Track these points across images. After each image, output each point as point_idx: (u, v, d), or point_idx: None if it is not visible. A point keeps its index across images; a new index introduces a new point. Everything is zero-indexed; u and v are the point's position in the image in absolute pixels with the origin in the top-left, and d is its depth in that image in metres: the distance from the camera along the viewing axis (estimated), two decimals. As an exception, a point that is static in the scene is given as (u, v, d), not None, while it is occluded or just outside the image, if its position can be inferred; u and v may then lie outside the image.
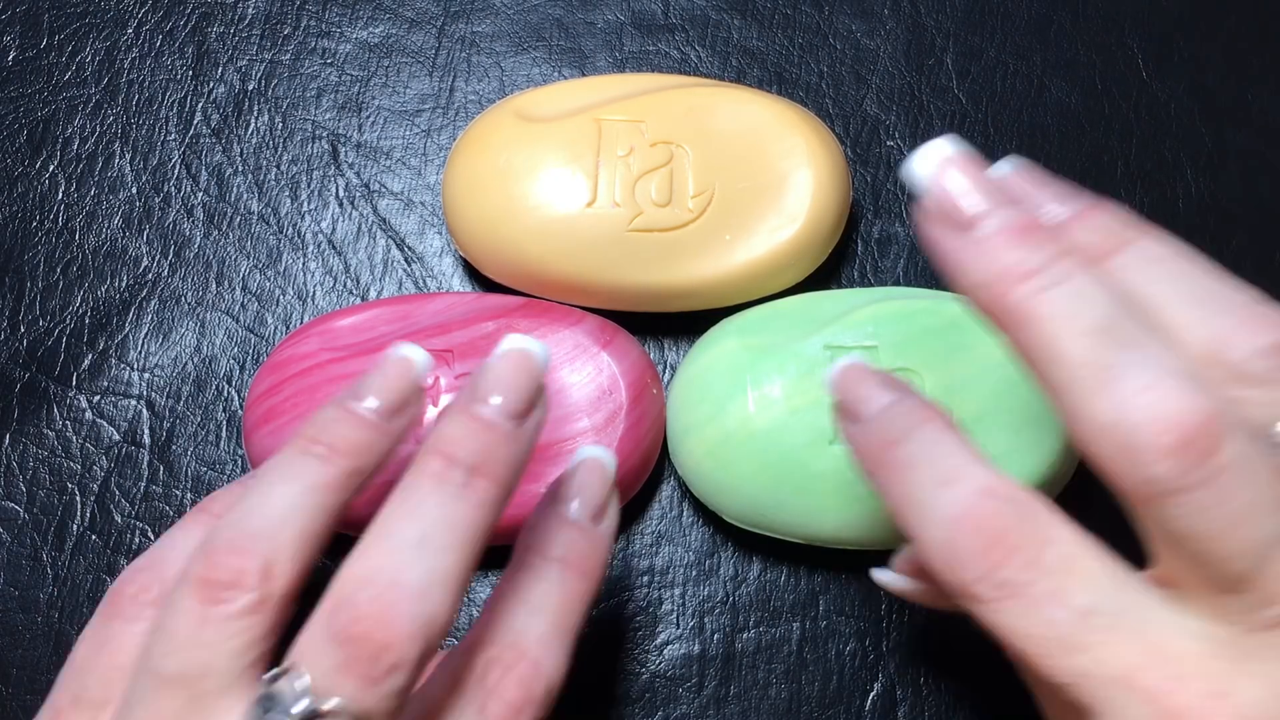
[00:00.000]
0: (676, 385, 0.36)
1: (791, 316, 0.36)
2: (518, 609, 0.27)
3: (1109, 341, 0.21)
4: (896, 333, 0.34)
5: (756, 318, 0.36)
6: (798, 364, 0.34)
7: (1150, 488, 0.21)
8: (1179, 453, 0.20)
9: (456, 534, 0.24)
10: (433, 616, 0.24)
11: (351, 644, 0.23)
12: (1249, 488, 0.21)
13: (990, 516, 0.22)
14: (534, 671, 0.26)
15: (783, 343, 0.35)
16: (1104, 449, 0.21)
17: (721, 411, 0.34)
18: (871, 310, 0.35)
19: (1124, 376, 0.21)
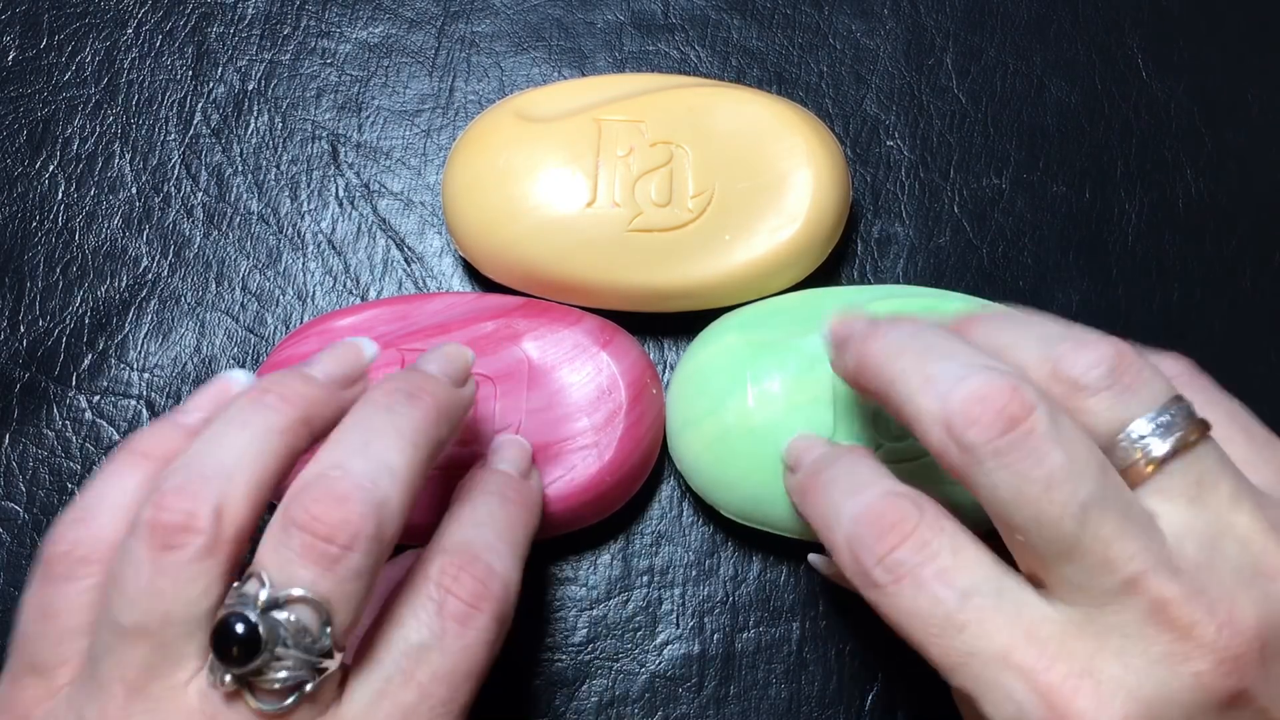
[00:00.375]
0: (676, 380, 0.36)
1: (792, 312, 0.36)
2: (464, 526, 0.28)
3: (930, 357, 0.25)
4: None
5: (757, 313, 0.36)
6: (798, 360, 0.34)
7: (970, 455, 0.24)
8: (986, 419, 0.24)
9: (402, 438, 0.26)
10: (383, 499, 0.25)
11: (305, 530, 0.24)
12: (1059, 451, 0.23)
13: (888, 510, 0.25)
14: (487, 570, 0.27)
15: (783, 338, 0.35)
16: (934, 436, 0.24)
17: (721, 406, 0.34)
18: (873, 308, 0.35)
19: (943, 377, 0.25)
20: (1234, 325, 0.40)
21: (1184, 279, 0.40)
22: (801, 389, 0.34)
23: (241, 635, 0.23)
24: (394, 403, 0.27)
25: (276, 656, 0.24)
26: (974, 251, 0.40)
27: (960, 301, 0.36)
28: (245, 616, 0.23)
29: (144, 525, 0.24)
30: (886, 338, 0.27)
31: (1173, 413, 0.24)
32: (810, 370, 0.34)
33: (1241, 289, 0.40)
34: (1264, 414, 0.39)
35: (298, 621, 0.24)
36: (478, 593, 0.26)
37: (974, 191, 0.41)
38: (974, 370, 0.24)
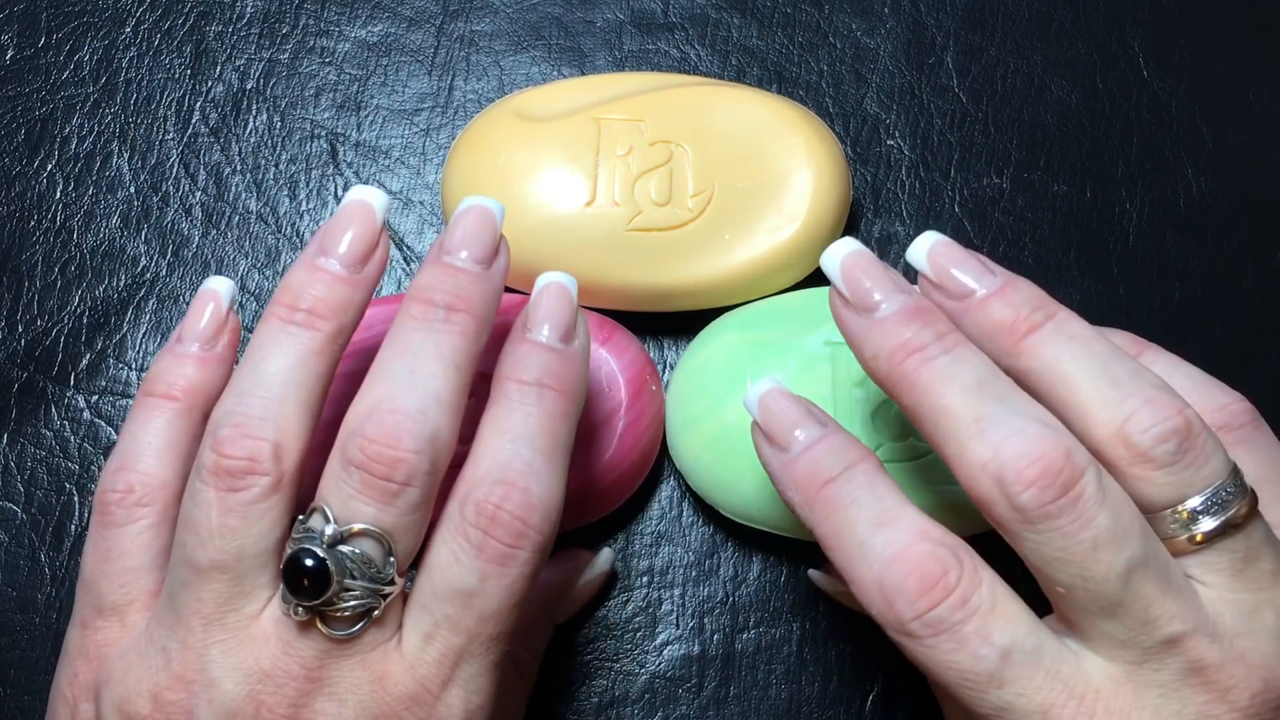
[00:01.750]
0: (676, 379, 0.36)
1: (793, 311, 0.36)
2: (500, 440, 0.27)
3: (983, 396, 0.25)
4: None
5: (757, 312, 0.36)
6: (798, 359, 0.34)
7: (1020, 515, 0.24)
8: (1041, 482, 0.23)
9: (444, 361, 0.26)
10: (435, 432, 0.25)
11: (365, 467, 0.25)
12: (1106, 515, 0.23)
13: (927, 559, 0.25)
14: (525, 500, 0.26)
15: (783, 337, 0.35)
16: (981, 485, 0.24)
17: (721, 405, 0.34)
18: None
19: (996, 423, 0.24)
20: (1235, 325, 0.40)
21: (1185, 278, 0.40)
22: (801, 388, 0.34)
23: (312, 569, 0.25)
24: (431, 320, 0.27)
25: (345, 587, 0.25)
26: (975, 251, 0.40)
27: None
28: (314, 552, 0.25)
29: (208, 470, 0.26)
30: (934, 363, 0.25)
31: (1228, 491, 0.24)
32: (810, 370, 0.34)
33: (1242, 288, 0.40)
34: (1265, 414, 0.39)
35: (362, 554, 0.25)
36: (517, 531, 0.26)
37: (974, 191, 0.41)
38: (1029, 423, 0.24)
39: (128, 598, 0.27)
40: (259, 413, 0.26)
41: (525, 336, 0.29)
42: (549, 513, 0.27)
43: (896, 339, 0.26)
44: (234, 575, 0.25)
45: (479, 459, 0.27)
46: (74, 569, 0.37)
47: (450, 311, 0.27)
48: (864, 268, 0.27)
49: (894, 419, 0.34)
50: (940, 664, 0.24)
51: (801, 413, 0.28)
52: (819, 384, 0.34)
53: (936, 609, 0.24)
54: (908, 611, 0.24)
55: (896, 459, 0.33)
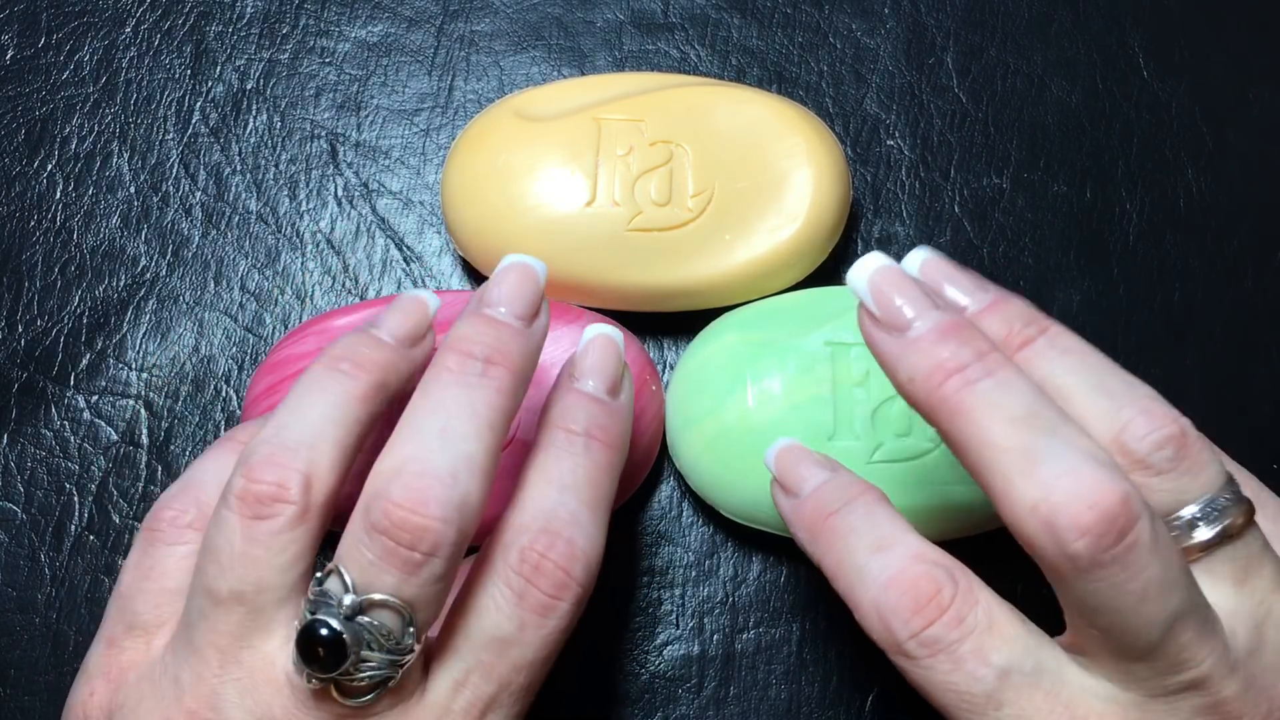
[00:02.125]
0: (676, 379, 0.36)
1: (792, 312, 0.36)
2: (547, 489, 0.27)
3: (1033, 428, 0.23)
4: None
5: (757, 312, 0.36)
6: (798, 359, 0.34)
7: (1071, 563, 0.23)
8: (1097, 531, 0.22)
9: (478, 420, 0.25)
10: (464, 499, 0.24)
11: (388, 534, 0.24)
12: (1157, 564, 0.22)
13: (921, 578, 0.24)
14: (569, 551, 0.26)
15: (783, 338, 0.35)
16: (1029, 527, 0.23)
17: (721, 406, 0.34)
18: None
19: (1047, 460, 0.23)
20: (1235, 325, 0.40)
21: (1185, 278, 0.40)
22: (801, 389, 0.34)
23: (327, 640, 0.24)
24: (468, 373, 0.26)
25: (362, 659, 0.24)
26: (974, 251, 0.40)
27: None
28: (329, 624, 0.24)
29: (235, 495, 0.25)
30: (976, 387, 0.24)
31: (1225, 499, 0.24)
32: (810, 370, 0.34)
33: (1243, 288, 0.40)
34: (1265, 414, 0.39)
35: (381, 625, 0.24)
36: (560, 582, 0.26)
37: (974, 191, 0.41)
38: (1083, 460, 0.23)
39: (159, 619, 0.27)
40: (291, 444, 0.25)
41: (573, 386, 0.29)
42: (591, 565, 0.26)
43: (934, 360, 0.24)
44: (252, 608, 0.25)
45: (524, 505, 0.27)
46: (74, 569, 0.37)
47: (488, 365, 0.26)
48: (894, 283, 0.25)
49: (894, 418, 0.34)
50: (938, 685, 0.24)
51: (812, 462, 0.28)
52: (819, 384, 0.34)
53: (931, 628, 0.24)
54: (903, 631, 0.24)
55: (897, 458, 0.33)
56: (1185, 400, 0.39)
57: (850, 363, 0.34)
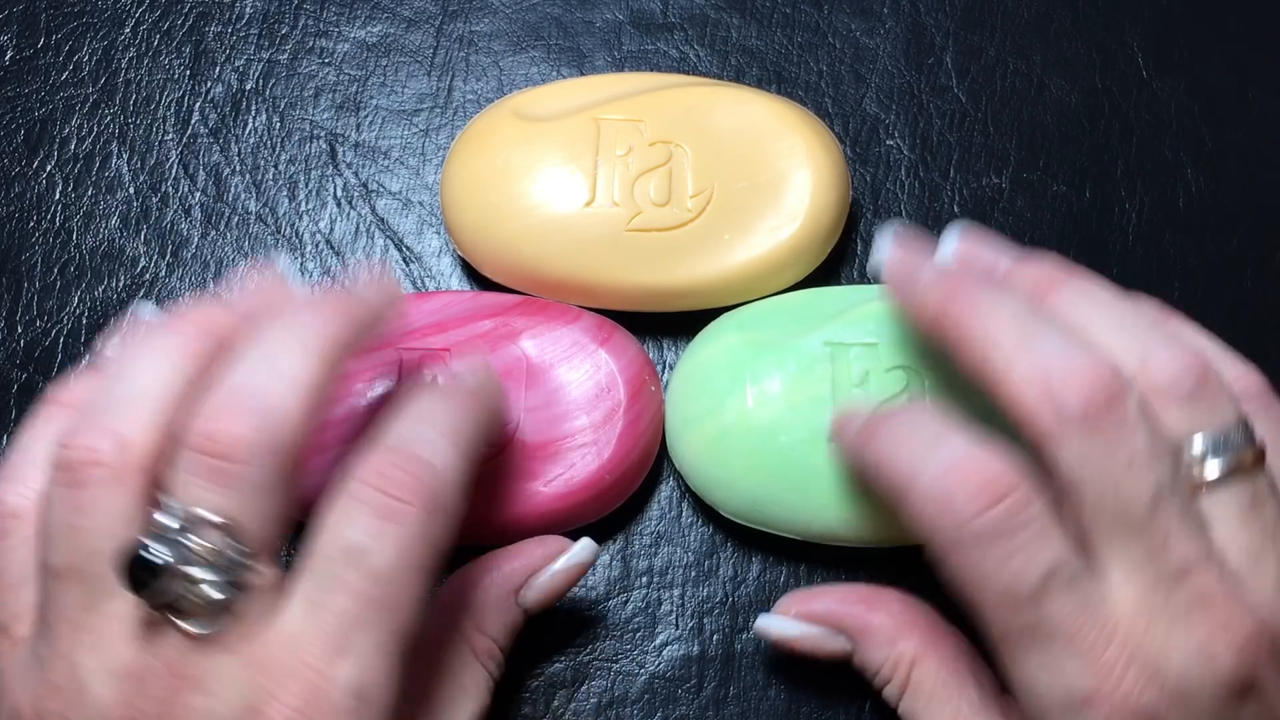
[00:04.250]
0: (676, 378, 0.36)
1: (793, 312, 0.36)
2: (401, 423, 0.27)
3: (1032, 320, 0.26)
4: (897, 330, 0.34)
5: (757, 312, 0.36)
6: (798, 360, 0.34)
7: (1064, 423, 0.24)
8: (1090, 392, 0.24)
9: (301, 343, 0.26)
10: (273, 406, 0.24)
11: (200, 451, 0.24)
12: (1144, 434, 0.24)
13: (983, 463, 0.25)
14: (419, 464, 0.25)
15: (783, 338, 0.35)
16: (1028, 395, 0.25)
17: (720, 406, 0.34)
18: (873, 307, 0.35)
19: (1045, 341, 0.25)
20: (1235, 324, 0.40)
21: (1185, 278, 0.40)
22: (801, 389, 0.34)
23: (147, 564, 0.23)
24: (296, 317, 0.26)
25: (191, 579, 0.24)
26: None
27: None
28: (146, 544, 0.23)
29: (55, 466, 0.25)
30: (981, 295, 0.27)
31: (1235, 437, 0.25)
32: (810, 370, 0.34)
33: (1243, 288, 0.40)
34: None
35: (207, 542, 0.24)
36: (409, 486, 0.25)
37: (974, 191, 0.41)
38: (1075, 344, 0.25)
39: (13, 614, 0.26)
40: (109, 405, 0.25)
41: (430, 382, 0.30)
42: (445, 478, 0.26)
43: (948, 281, 0.28)
44: (88, 576, 0.24)
45: (377, 438, 0.26)
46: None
47: (315, 307, 0.27)
48: (913, 235, 0.31)
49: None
50: (984, 577, 0.24)
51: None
52: (819, 384, 0.34)
53: (994, 509, 0.24)
54: (967, 509, 0.24)
55: None
56: (1185, 400, 0.39)
57: (849, 363, 0.34)
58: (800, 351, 0.34)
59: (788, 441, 0.33)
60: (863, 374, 0.34)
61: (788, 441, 0.33)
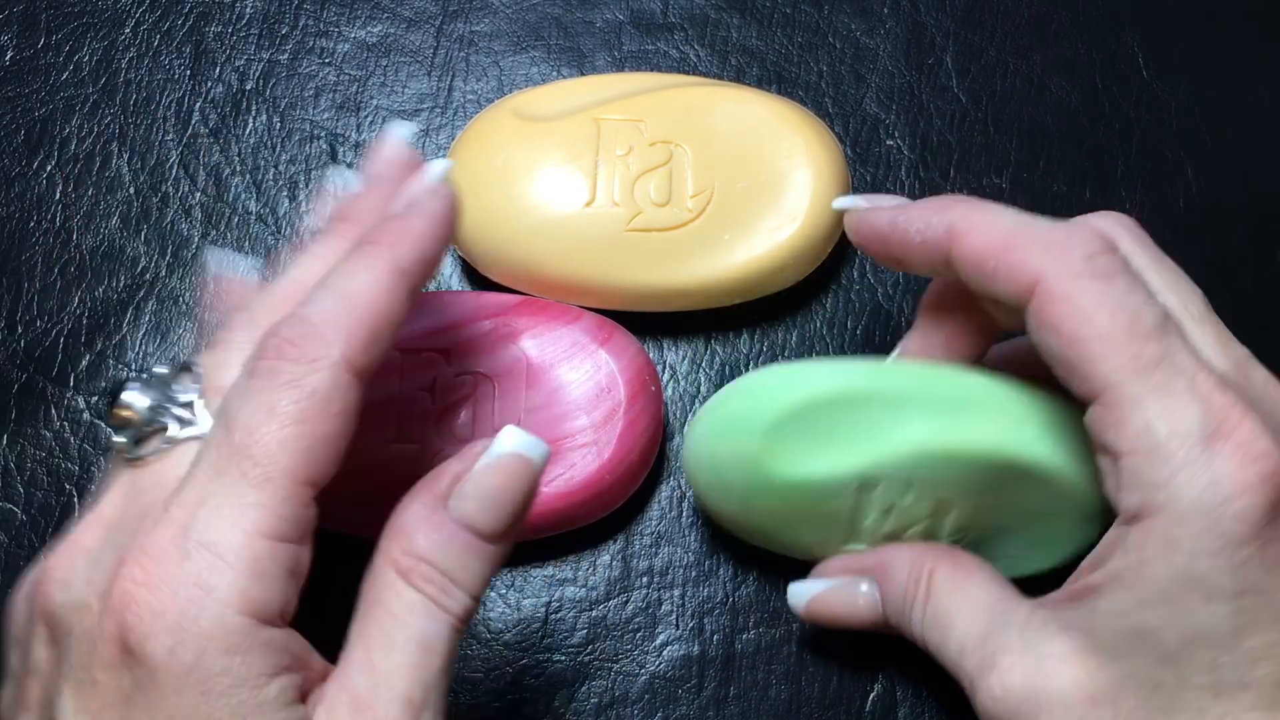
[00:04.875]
0: (712, 411, 0.33)
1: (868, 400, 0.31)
2: (313, 289, 0.26)
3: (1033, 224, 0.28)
4: (937, 471, 0.31)
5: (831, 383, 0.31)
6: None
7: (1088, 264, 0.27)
8: (1090, 248, 0.27)
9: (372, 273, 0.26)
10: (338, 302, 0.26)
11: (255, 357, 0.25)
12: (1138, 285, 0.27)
13: (1095, 222, 0.30)
14: (315, 338, 0.25)
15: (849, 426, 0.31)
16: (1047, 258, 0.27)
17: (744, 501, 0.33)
18: (919, 447, 0.30)
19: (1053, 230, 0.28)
20: (1235, 325, 0.39)
21: (1185, 278, 0.40)
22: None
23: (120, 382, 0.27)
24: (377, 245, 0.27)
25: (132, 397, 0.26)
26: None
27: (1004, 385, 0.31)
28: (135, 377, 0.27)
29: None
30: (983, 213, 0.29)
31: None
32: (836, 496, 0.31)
33: (1242, 289, 0.40)
34: (1265, 414, 0.39)
35: (165, 376, 0.27)
36: (298, 370, 0.24)
37: (974, 191, 0.41)
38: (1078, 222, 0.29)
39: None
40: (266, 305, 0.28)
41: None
42: (343, 362, 0.25)
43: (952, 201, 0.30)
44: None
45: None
46: (73, 570, 0.37)
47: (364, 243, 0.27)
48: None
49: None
50: (1112, 307, 0.26)
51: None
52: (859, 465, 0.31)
53: (1114, 253, 0.28)
54: (1087, 247, 0.27)
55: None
56: (1185, 400, 0.39)
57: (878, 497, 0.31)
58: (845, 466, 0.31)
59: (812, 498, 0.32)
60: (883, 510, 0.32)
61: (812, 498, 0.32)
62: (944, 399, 0.30)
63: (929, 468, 0.30)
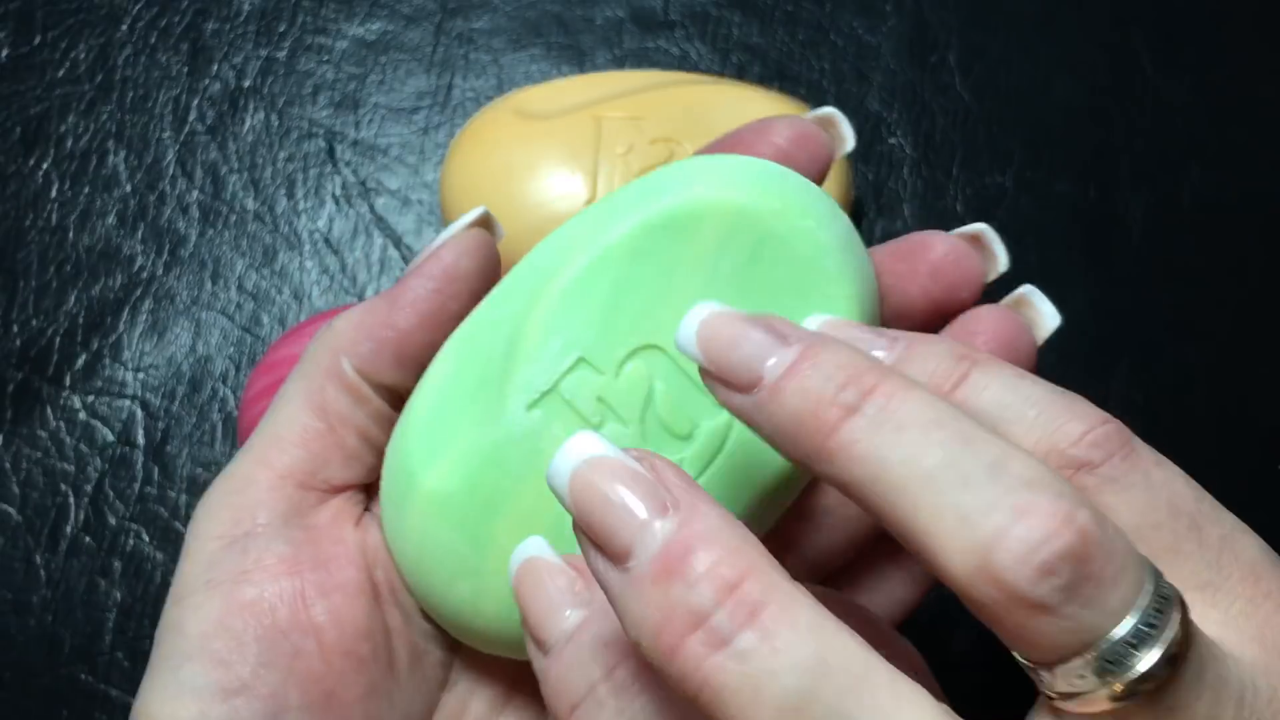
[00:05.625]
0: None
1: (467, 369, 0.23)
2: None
3: (953, 458, 0.17)
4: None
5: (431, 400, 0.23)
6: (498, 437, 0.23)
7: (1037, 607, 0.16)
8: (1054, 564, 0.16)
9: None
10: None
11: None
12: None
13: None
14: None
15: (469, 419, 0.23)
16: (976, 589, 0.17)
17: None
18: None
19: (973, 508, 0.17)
20: (1241, 324, 0.39)
21: (1190, 277, 0.40)
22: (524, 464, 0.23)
23: None
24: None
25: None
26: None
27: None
28: None
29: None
30: (867, 422, 0.17)
31: (1153, 616, 0.16)
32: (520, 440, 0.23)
33: (1249, 288, 0.40)
34: (1269, 414, 0.39)
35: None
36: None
37: (977, 190, 0.41)
38: (1021, 488, 0.16)
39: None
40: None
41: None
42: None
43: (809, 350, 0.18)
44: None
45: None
46: (69, 571, 0.36)
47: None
48: (728, 325, 0.19)
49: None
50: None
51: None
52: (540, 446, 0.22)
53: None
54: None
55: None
56: (1189, 400, 0.39)
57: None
58: (507, 446, 0.23)
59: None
60: (594, 402, 0.22)
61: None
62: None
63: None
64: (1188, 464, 0.20)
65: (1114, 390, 0.38)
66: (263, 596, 0.22)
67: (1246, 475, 0.37)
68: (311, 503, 0.24)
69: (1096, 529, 0.16)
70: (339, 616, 0.23)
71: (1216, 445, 0.38)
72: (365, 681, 0.23)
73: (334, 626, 0.23)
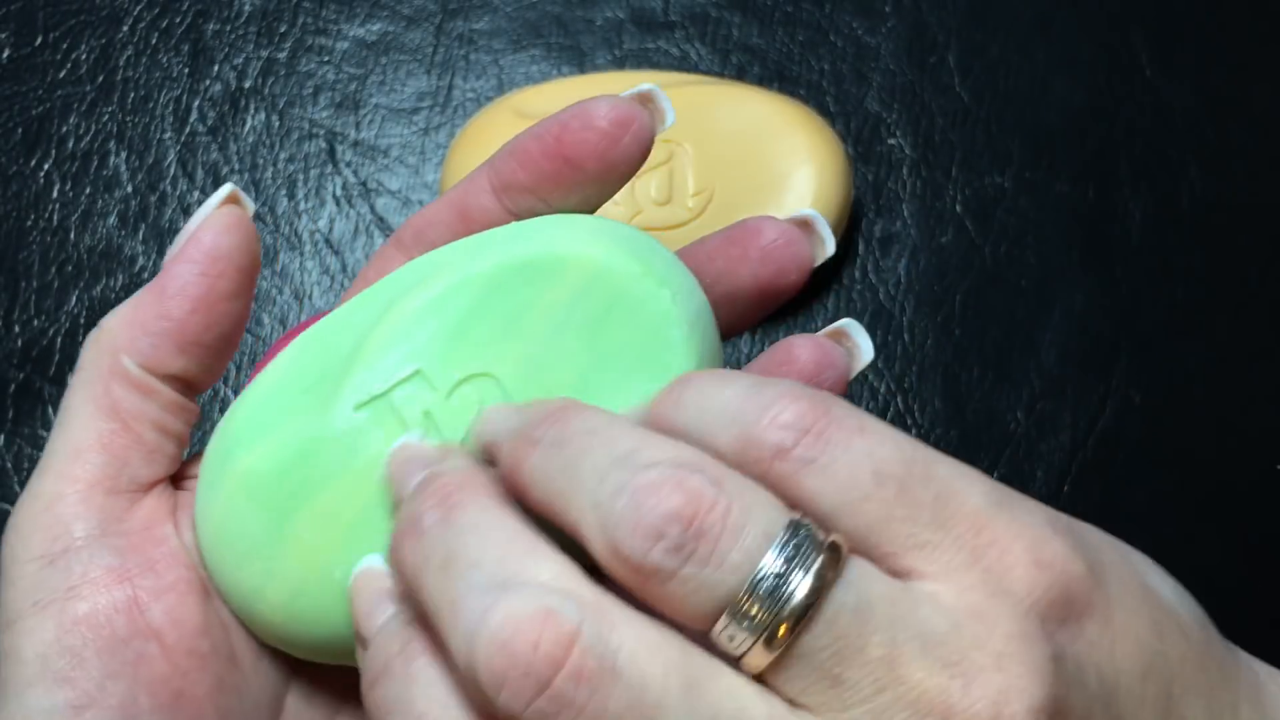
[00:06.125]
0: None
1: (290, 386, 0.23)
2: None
3: (453, 567, 0.18)
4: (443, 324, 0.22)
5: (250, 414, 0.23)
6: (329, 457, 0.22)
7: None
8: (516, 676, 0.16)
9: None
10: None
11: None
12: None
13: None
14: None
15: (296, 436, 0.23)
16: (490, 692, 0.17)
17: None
18: (397, 315, 0.23)
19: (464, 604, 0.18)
20: (1240, 324, 0.39)
21: (1188, 278, 0.40)
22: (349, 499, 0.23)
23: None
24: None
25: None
26: (977, 251, 0.40)
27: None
28: None
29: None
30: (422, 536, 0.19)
31: (783, 563, 0.17)
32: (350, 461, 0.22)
33: (1247, 288, 0.40)
34: (1268, 413, 0.39)
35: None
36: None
37: (977, 190, 0.41)
38: (494, 591, 0.17)
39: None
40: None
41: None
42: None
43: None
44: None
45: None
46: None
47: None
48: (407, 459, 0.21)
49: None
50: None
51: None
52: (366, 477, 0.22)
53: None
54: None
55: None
56: (1188, 399, 0.39)
57: (398, 415, 0.22)
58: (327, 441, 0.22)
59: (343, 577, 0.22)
60: (421, 415, 0.22)
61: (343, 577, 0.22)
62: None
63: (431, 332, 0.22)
64: (1188, 464, 0.20)
65: (1114, 389, 0.38)
66: (97, 609, 0.23)
67: (1246, 475, 0.37)
68: (124, 506, 0.24)
69: (709, 489, 0.17)
70: (176, 616, 0.23)
71: (1216, 445, 0.37)
72: (211, 677, 0.23)
73: (173, 627, 0.23)
